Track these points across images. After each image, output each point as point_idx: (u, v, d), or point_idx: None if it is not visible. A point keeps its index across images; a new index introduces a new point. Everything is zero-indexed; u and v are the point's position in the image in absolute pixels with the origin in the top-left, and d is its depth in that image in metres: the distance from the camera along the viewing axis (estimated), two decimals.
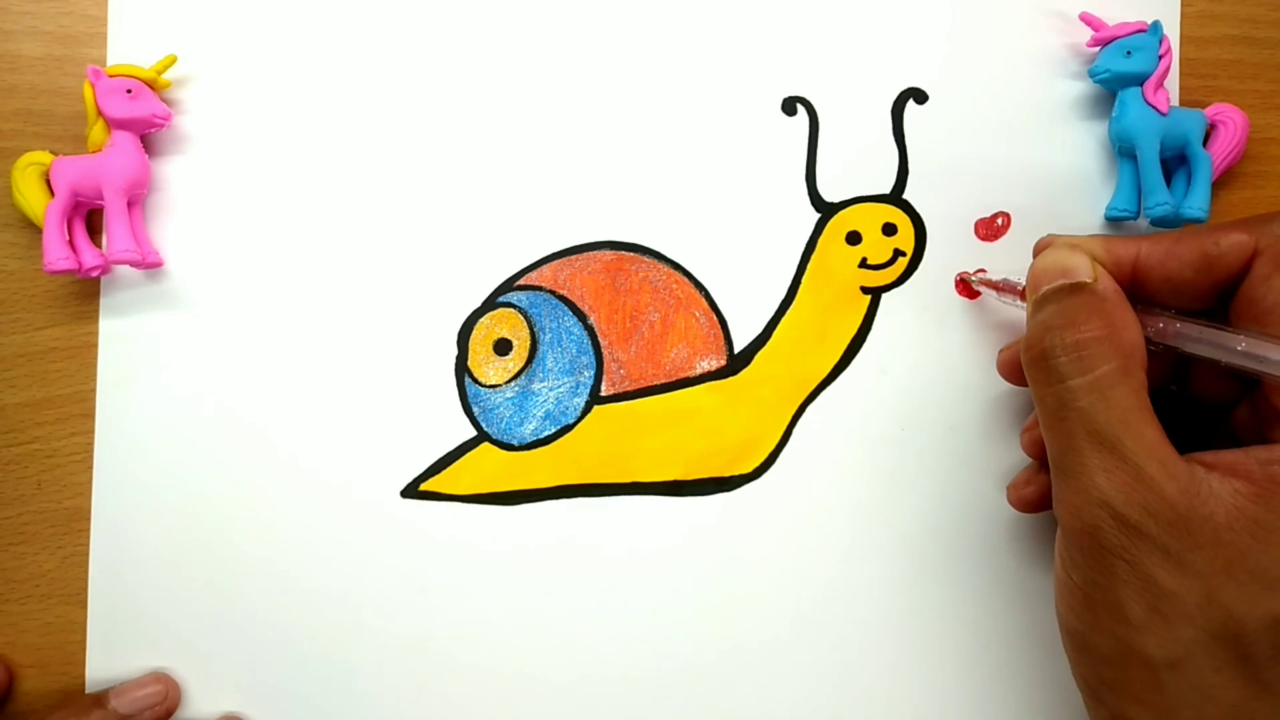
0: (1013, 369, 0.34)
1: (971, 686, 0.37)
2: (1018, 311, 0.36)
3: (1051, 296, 0.29)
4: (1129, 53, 0.36)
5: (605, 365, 0.37)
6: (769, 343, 0.37)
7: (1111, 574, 0.26)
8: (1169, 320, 0.29)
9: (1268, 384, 0.28)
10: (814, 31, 0.38)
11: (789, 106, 0.38)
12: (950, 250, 0.37)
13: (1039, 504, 0.34)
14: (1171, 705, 0.26)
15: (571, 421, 0.37)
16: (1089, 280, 0.29)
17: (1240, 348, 0.28)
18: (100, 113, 0.35)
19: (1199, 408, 0.32)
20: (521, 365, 0.37)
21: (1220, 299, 0.30)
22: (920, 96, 0.38)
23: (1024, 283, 0.32)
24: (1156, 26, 0.36)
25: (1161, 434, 0.27)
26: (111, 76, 0.35)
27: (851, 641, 0.37)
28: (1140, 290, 0.30)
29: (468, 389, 0.37)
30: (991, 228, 0.37)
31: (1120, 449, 0.26)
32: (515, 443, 0.37)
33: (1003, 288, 0.34)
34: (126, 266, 0.36)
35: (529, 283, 0.37)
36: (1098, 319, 0.28)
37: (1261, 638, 0.25)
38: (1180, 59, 0.38)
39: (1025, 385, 0.31)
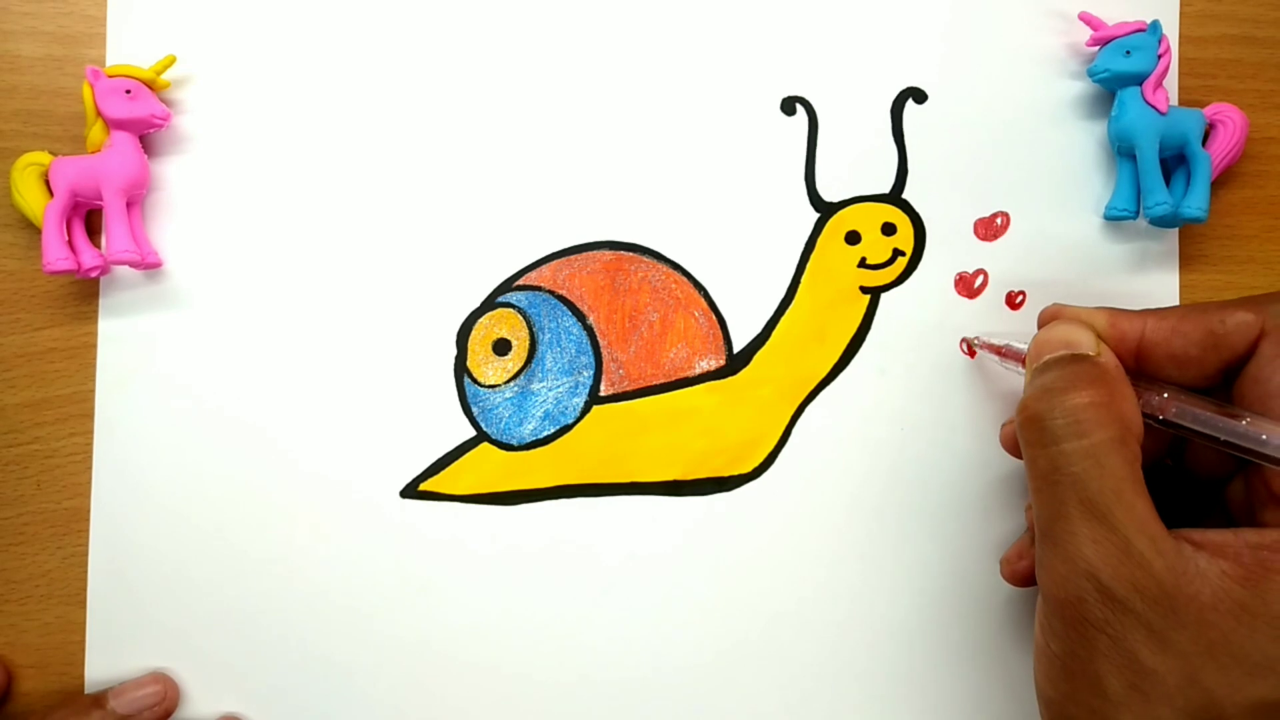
0: (1015, 443, 0.34)
1: (970, 686, 0.37)
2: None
3: (1052, 364, 0.29)
4: (1128, 52, 0.36)
5: (604, 365, 0.37)
6: (768, 342, 0.37)
7: (1092, 647, 0.26)
8: (1170, 397, 0.29)
9: (1265, 466, 0.28)
10: (814, 31, 0.38)
11: (788, 106, 0.38)
12: (949, 250, 0.37)
13: (1033, 578, 0.33)
14: None
15: (571, 421, 0.37)
16: (1092, 353, 0.29)
17: (1241, 427, 0.28)
18: (99, 113, 0.35)
19: (1193, 482, 0.32)
20: (521, 365, 0.37)
21: (1225, 377, 0.29)
22: (920, 96, 0.38)
23: (1026, 349, 0.32)
24: (1155, 26, 0.36)
25: (1152, 509, 0.27)
26: (111, 77, 0.35)
27: (850, 641, 0.37)
28: (1145, 365, 0.30)
29: (467, 389, 0.37)
30: (991, 227, 0.37)
31: (1110, 519, 0.26)
32: (514, 443, 0.37)
33: (1005, 353, 0.34)
34: (126, 267, 0.36)
35: (528, 283, 0.37)
36: (1098, 386, 0.28)
37: None
38: (1179, 58, 0.38)
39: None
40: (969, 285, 0.37)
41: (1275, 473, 0.28)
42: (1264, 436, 0.27)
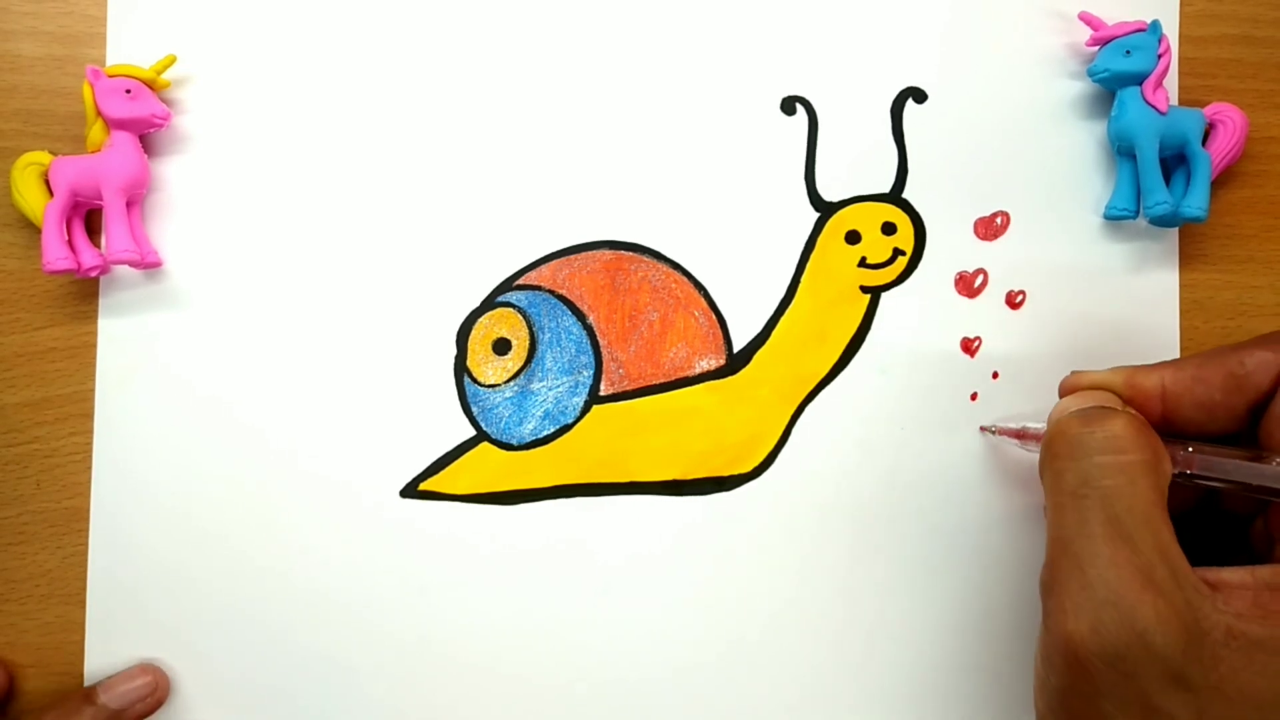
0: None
1: (969, 685, 0.37)
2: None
3: (1079, 411, 0.29)
4: (1128, 52, 0.36)
5: (604, 365, 0.37)
6: (768, 342, 0.37)
7: (1095, 682, 0.26)
8: (1195, 449, 0.29)
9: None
10: (813, 31, 0.38)
11: (788, 106, 0.38)
12: (950, 249, 0.37)
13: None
14: None
15: (570, 421, 0.37)
16: (1119, 409, 0.29)
17: (1271, 470, 0.27)
18: (99, 113, 0.35)
19: (1217, 521, 0.31)
20: (520, 365, 0.37)
21: (1253, 417, 0.29)
22: (919, 96, 0.38)
23: (1044, 428, 0.31)
24: (1155, 26, 0.36)
25: (1175, 539, 0.26)
26: (111, 76, 0.35)
27: (850, 641, 0.37)
28: (1173, 421, 0.30)
29: (467, 389, 0.37)
30: (991, 227, 0.37)
31: (1136, 542, 0.26)
32: (514, 442, 0.37)
33: (1025, 435, 0.34)
34: (125, 266, 0.36)
35: (528, 282, 0.37)
36: (1133, 419, 0.28)
37: None
38: (1179, 58, 0.38)
39: None
40: (969, 285, 0.37)
41: None
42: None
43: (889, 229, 0.37)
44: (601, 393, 0.37)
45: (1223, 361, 0.29)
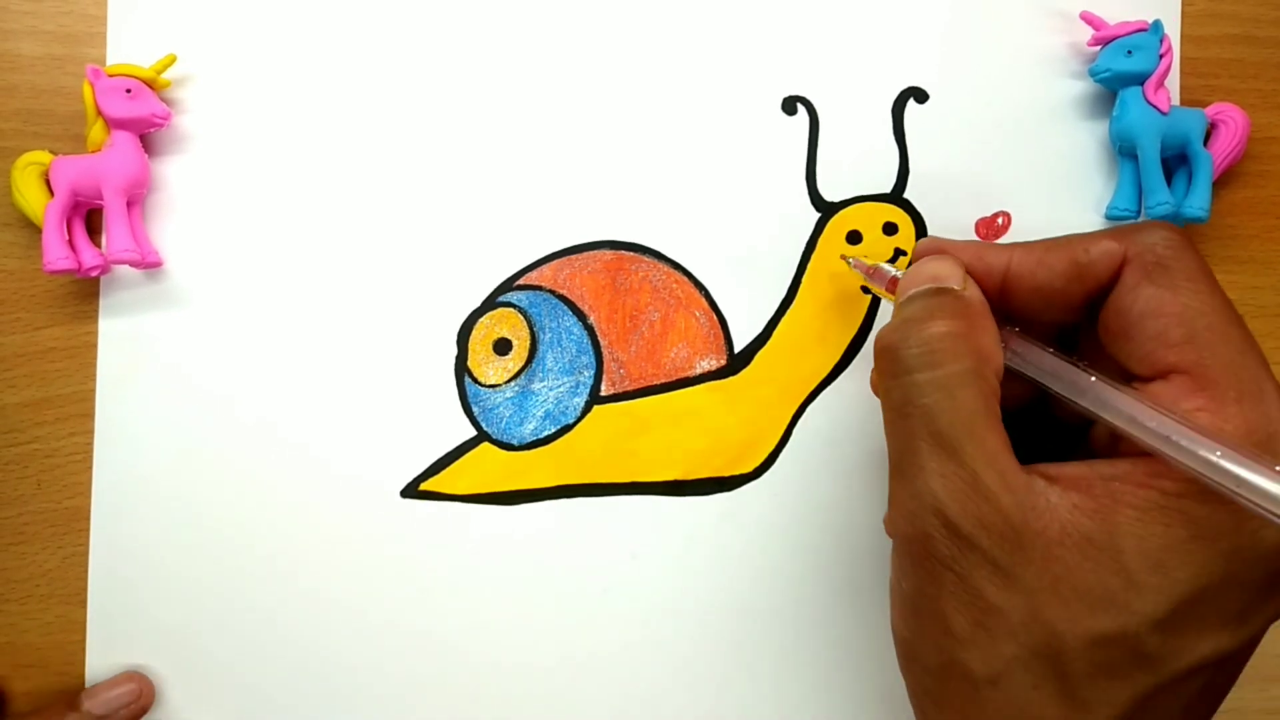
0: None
1: None
2: None
3: (916, 298, 0.29)
4: (1130, 52, 0.36)
5: (605, 365, 0.37)
6: (769, 342, 0.37)
7: (939, 584, 0.26)
8: (1006, 332, 0.28)
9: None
10: (814, 31, 0.38)
11: (789, 106, 0.38)
12: None
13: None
14: None
15: (571, 421, 0.37)
16: (957, 287, 0.28)
17: (1086, 384, 0.27)
18: (100, 112, 0.35)
19: (1060, 425, 0.31)
20: (521, 365, 0.37)
21: (1090, 310, 0.29)
22: (921, 96, 0.38)
23: (896, 273, 0.32)
24: (1157, 25, 0.36)
25: (1004, 443, 0.26)
26: (111, 76, 0.35)
27: (852, 641, 0.37)
28: (1010, 301, 0.29)
29: (467, 389, 0.37)
30: (992, 227, 0.37)
31: (960, 454, 0.26)
32: (515, 442, 0.37)
33: (873, 274, 0.33)
34: (126, 266, 0.36)
35: (529, 282, 0.37)
36: (956, 318, 0.27)
37: (1080, 656, 0.25)
38: (1181, 58, 0.38)
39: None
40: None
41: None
42: (1089, 382, 0.27)
43: (890, 229, 0.37)
44: (602, 393, 0.37)
45: (1069, 248, 0.28)
